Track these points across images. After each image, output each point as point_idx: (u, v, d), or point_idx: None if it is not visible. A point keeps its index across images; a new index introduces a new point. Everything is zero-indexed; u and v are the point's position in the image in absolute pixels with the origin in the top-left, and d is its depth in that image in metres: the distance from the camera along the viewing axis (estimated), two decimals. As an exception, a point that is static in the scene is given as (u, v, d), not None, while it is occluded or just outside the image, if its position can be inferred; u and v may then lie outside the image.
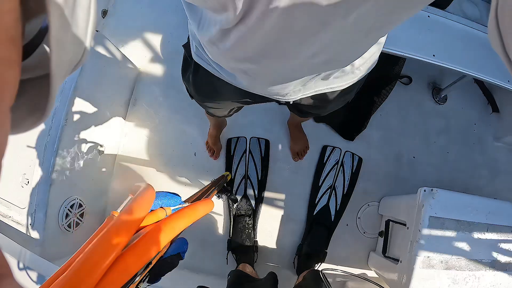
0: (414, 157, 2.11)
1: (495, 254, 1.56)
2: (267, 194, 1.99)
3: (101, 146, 1.85)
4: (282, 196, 2.01)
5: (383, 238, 1.85)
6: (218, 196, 1.94)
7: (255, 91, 0.92)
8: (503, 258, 1.56)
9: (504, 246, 1.59)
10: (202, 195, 1.00)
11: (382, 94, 2.06)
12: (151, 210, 0.62)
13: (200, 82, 1.08)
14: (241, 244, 1.89)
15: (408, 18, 0.58)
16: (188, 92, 1.22)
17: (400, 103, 2.16)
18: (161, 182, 2.00)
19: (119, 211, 0.59)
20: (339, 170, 2.02)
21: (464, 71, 1.78)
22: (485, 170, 2.22)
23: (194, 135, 2.04)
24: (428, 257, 1.49)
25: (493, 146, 2.29)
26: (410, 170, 2.09)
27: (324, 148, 2.02)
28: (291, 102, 1.00)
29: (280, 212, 2.00)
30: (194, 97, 1.21)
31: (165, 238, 0.56)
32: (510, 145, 2.28)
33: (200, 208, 0.72)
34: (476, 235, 1.56)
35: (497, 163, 2.25)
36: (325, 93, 0.96)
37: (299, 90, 0.89)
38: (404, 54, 1.64)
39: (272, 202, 2.00)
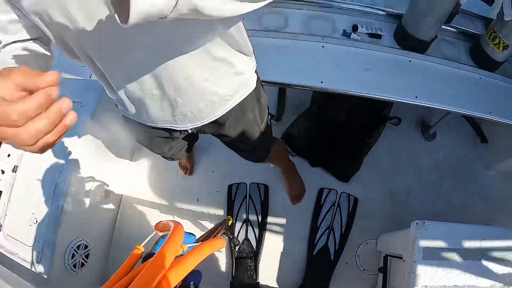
0: (408, 193, 2.21)
1: (492, 280, 1.62)
2: (267, 236, 2.09)
3: (107, 186, 1.98)
4: (282, 238, 2.10)
5: (382, 274, 1.92)
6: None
7: (144, 120, 1.06)
8: (500, 283, 1.61)
9: (500, 270, 1.64)
10: (207, 237, 1.12)
11: (374, 136, 2.18)
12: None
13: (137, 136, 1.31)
14: (243, 286, 1.98)
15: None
16: None
17: (391, 143, 2.28)
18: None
19: (143, 245, 0.72)
20: (336, 211, 2.11)
21: (446, 108, 1.90)
22: (479, 199, 2.30)
23: (197, 181, 2.16)
24: (426, 286, 1.55)
25: (485, 175, 2.37)
26: (405, 206, 2.18)
27: (321, 190, 2.13)
28: (190, 131, 1.13)
29: (281, 253, 2.09)
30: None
31: (185, 271, 0.67)
32: (501, 172, 2.35)
33: (216, 243, 0.82)
34: (471, 262, 1.61)
35: (490, 191, 2.33)
36: (216, 120, 1.07)
37: (184, 118, 1.00)
38: (389, 98, 1.77)
39: (273, 244, 2.09)
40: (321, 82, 1.68)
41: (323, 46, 1.80)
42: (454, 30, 2.05)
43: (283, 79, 1.70)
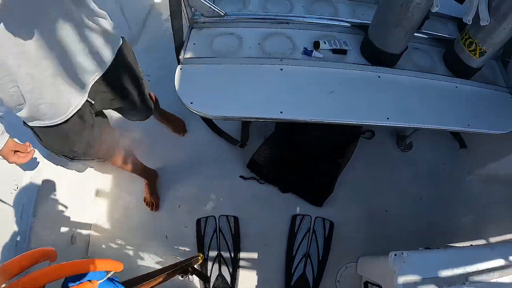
0: (386, 210, 2.10)
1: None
2: (242, 270, 1.97)
3: (73, 232, 1.84)
4: (257, 271, 1.98)
5: (364, 300, 1.83)
6: (182, 276, 1.91)
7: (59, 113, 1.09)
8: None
9: None
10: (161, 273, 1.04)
11: (346, 155, 2.05)
12: (79, 283, 0.65)
13: (58, 145, 1.25)
14: (221, 324, 1.87)
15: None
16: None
17: (366, 158, 2.15)
18: (135, 263, 1.96)
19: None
20: (311, 237, 2.00)
21: (421, 126, 1.77)
22: (462, 206, 2.22)
23: (163, 217, 2.02)
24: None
25: (465, 181, 2.29)
26: (384, 224, 2.08)
27: (294, 217, 2.01)
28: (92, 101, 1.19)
29: (256, 287, 1.97)
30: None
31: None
32: (482, 176, 2.27)
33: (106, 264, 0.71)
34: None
35: (472, 196, 2.25)
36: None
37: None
38: (358, 123, 1.63)
39: (248, 278, 1.97)
40: (281, 112, 1.51)
41: (281, 69, 1.64)
42: (425, 36, 1.91)
43: (238, 113, 1.53)
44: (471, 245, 1.97)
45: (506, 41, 1.61)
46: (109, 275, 0.73)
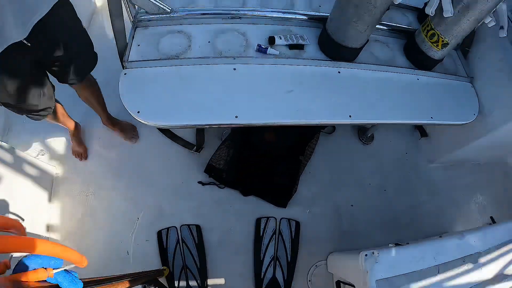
0: (352, 205, 2.08)
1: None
2: (210, 281, 1.87)
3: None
4: (226, 280, 1.90)
5: (337, 299, 1.81)
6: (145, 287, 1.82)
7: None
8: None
9: (459, 280, 1.57)
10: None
11: (307, 152, 1.98)
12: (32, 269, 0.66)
13: None
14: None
15: None
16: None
17: (327, 154, 2.11)
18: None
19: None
20: (278, 239, 1.93)
21: (384, 122, 1.73)
22: (427, 195, 2.24)
23: (123, 231, 1.89)
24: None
25: (428, 169, 2.31)
26: (351, 219, 2.06)
27: (258, 220, 1.93)
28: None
29: (228, 295, 1.90)
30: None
31: None
32: (444, 163, 2.30)
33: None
34: (429, 280, 1.52)
35: (435, 183, 2.28)
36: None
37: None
38: (319, 123, 1.56)
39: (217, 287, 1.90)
40: (236, 117, 1.41)
41: (234, 69, 1.53)
42: (385, 28, 1.85)
43: (190, 121, 1.41)
44: (440, 236, 1.99)
45: (468, 33, 1.59)
46: (67, 267, 0.72)
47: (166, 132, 2.02)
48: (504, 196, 2.28)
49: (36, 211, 1.81)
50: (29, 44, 1.19)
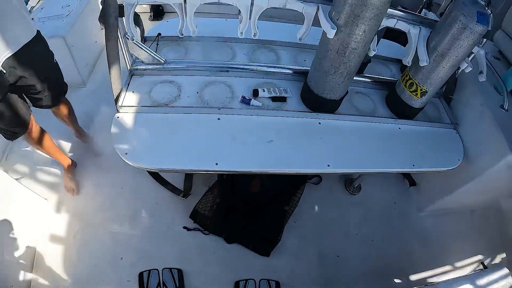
0: (338, 256, 2.04)
1: None
2: (188, 328, 1.84)
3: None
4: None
5: None
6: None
7: None
8: None
9: None
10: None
11: (293, 201, 2.00)
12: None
13: None
14: None
15: None
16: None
17: (314, 204, 2.12)
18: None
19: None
20: (258, 303, 1.88)
21: (364, 171, 1.76)
22: (416, 243, 2.19)
23: (104, 270, 1.88)
24: None
25: (418, 217, 2.28)
26: (337, 270, 2.00)
27: (237, 284, 1.86)
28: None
29: None
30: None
31: None
32: (433, 211, 2.27)
33: None
34: None
35: (426, 231, 2.24)
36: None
37: None
38: (297, 172, 1.60)
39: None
40: (216, 164, 1.47)
41: (219, 119, 1.62)
42: (367, 80, 1.94)
43: (173, 165, 1.48)
44: (427, 284, 1.94)
45: (445, 80, 1.67)
46: None
47: (156, 176, 2.08)
48: (497, 242, 2.22)
49: (24, 237, 1.84)
50: (4, 71, 1.37)
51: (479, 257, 2.14)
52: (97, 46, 2.79)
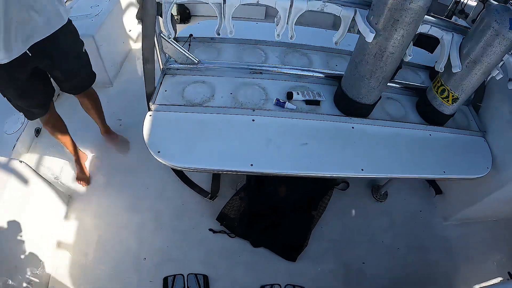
0: (363, 263, 2.01)
1: None
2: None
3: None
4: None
5: None
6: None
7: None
8: None
9: None
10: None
11: (320, 207, 1.98)
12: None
13: (1, 83, 1.48)
14: None
15: None
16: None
17: (340, 210, 2.10)
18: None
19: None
20: (282, 309, 1.85)
21: (396, 176, 1.73)
22: (440, 252, 2.15)
23: (127, 269, 1.87)
24: None
25: (442, 227, 2.25)
26: (361, 278, 1.98)
27: None
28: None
29: None
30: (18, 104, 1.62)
31: None
32: (458, 221, 2.24)
33: None
34: None
35: (450, 241, 2.20)
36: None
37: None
38: (331, 175, 1.58)
39: None
40: (251, 165, 1.46)
41: (253, 120, 1.60)
42: (398, 86, 1.93)
43: (207, 165, 1.46)
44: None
45: (476, 87, 1.65)
46: None
47: (182, 177, 2.07)
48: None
49: (49, 228, 1.87)
50: (30, 55, 1.42)
51: (505, 267, 2.10)
52: (124, 47, 2.83)
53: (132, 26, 2.91)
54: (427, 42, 2.29)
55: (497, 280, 2.07)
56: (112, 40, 2.59)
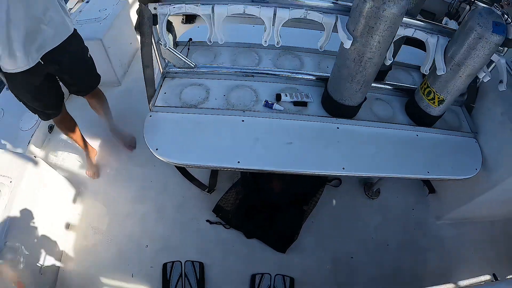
0: (352, 257, 2.10)
1: None
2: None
3: (42, 265, 1.83)
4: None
5: None
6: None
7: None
8: None
9: None
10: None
11: (311, 202, 2.08)
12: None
13: (17, 88, 1.67)
14: None
15: None
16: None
17: (332, 206, 2.18)
18: None
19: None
20: (272, 296, 1.97)
21: (377, 175, 1.80)
22: (432, 252, 2.20)
23: (131, 255, 2.04)
24: None
25: (436, 226, 2.29)
26: (350, 272, 2.06)
27: (253, 277, 1.97)
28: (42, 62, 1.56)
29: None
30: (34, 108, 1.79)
31: None
32: (452, 220, 2.27)
33: None
34: None
35: (442, 240, 2.24)
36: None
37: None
38: (312, 172, 1.67)
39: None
40: (238, 162, 1.59)
41: (243, 120, 1.73)
42: (388, 87, 1.99)
43: (199, 162, 1.61)
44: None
45: (462, 89, 1.69)
46: None
47: (184, 172, 2.22)
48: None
49: (60, 214, 2.04)
50: (42, 63, 1.57)
51: (492, 269, 2.12)
52: (131, 47, 2.98)
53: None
54: (422, 42, 2.31)
55: (482, 280, 2.10)
56: (120, 41, 2.73)
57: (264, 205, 2.11)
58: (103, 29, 2.49)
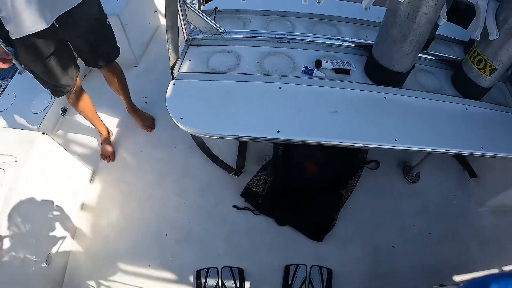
0: (393, 246, 1.91)
1: None
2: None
3: (49, 254, 1.68)
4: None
5: None
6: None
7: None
8: None
9: None
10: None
11: (349, 186, 1.89)
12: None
13: (28, 58, 1.50)
14: None
15: None
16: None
17: (370, 190, 2.00)
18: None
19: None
20: (308, 288, 1.77)
21: (431, 150, 1.63)
22: (473, 240, 2.03)
23: (148, 245, 1.84)
24: None
25: (477, 213, 2.11)
26: (391, 262, 1.88)
27: (287, 268, 1.78)
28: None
29: None
30: (44, 80, 1.62)
31: None
32: (494, 207, 2.10)
33: None
34: None
35: (484, 230, 2.06)
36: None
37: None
38: (363, 145, 1.49)
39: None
40: (278, 131, 1.39)
41: (280, 87, 1.54)
42: (431, 58, 1.82)
43: (231, 132, 1.41)
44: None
45: None
46: None
47: (208, 152, 2.03)
48: None
49: (68, 206, 1.87)
50: (57, 25, 1.41)
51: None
52: (150, 27, 2.84)
53: (158, 6, 2.92)
54: (461, 18, 2.18)
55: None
56: (138, 20, 2.59)
57: (298, 188, 1.90)
58: (120, 5, 2.34)
